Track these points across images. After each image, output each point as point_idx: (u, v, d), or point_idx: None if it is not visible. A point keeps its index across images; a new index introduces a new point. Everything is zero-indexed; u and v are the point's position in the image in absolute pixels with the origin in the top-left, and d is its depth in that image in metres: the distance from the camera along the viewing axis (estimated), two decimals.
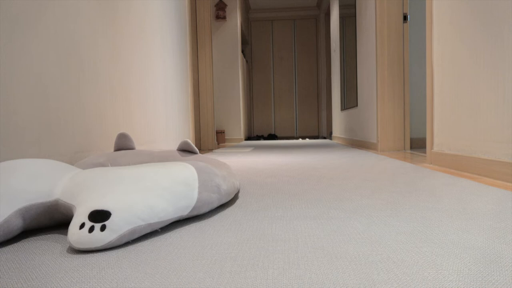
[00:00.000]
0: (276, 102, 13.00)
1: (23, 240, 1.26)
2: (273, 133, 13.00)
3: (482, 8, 2.60)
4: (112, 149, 2.87)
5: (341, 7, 8.20)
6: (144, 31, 3.63)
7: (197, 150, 2.01)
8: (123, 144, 2.05)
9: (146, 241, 1.21)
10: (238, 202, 1.82)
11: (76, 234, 1.11)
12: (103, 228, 1.11)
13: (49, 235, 1.33)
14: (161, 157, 1.89)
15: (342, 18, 8.16)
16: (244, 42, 12.04)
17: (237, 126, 9.75)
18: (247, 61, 12.32)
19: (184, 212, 1.36)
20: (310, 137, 12.84)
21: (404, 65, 5.23)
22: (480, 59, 2.63)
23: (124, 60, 3.14)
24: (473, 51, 2.73)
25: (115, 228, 1.13)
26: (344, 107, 8.09)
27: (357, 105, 6.78)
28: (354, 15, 6.83)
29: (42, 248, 1.17)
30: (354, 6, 6.82)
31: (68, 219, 1.37)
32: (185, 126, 5.09)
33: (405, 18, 5.20)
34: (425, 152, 4.72)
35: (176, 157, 1.91)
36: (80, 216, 1.15)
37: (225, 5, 9.43)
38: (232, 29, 9.61)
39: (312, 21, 12.90)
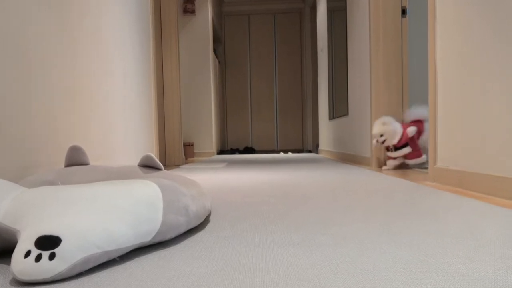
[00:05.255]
0: (253, 110, 13.02)
1: None
2: (250, 146, 13.00)
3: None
4: (63, 165, 2.86)
5: None
6: (101, 30, 3.63)
7: (161, 165, 2.01)
8: (75, 158, 2.05)
9: (102, 271, 1.21)
10: (209, 226, 1.83)
11: (21, 263, 1.11)
12: (52, 257, 1.11)
13: None
14: (119, 174, 1.89)
15: (330, 12, 8.21)
16: (217, 40, 12.06)
17: (208, 138, 9.74)
18: (219, 62, 12.34)
19: (147, 238, 1.37)
20: (293, 151, 12.86)
21: (402, 67, 5.27)
22: (490, 59, 2.66)
23: (79, 65, 3.14)
24: (481, 50, 2.77)
25: (66, 257, 1.13)
26: (333, 115, 8.13)
27: (347, 114, 6.81)
28: (344, 9, 6.88)
29: None
30: None
31: (11, 246, 1.36)
32: (147, 138, 5.08)
33: (403, 12, 5.24)
34: (426, 168, 4.76)
35: (137, 173, 1.91)
36: (26, 242, 1.14)
37: None
38: (202, 24, 9.63)
39: (295, 15, 12.97)
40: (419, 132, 4.91)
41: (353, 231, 1.66)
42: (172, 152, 6.93)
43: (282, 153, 11.52)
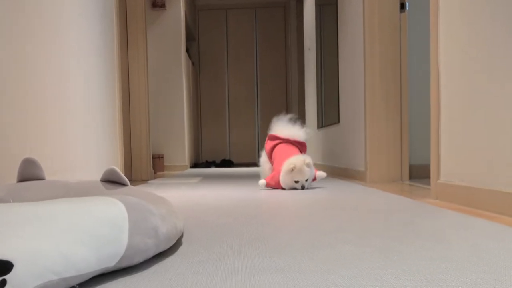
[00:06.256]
0: (232, 118, 13.02)
1: None
2: (227, 158, 12.99)
3: None
4: (15, 180, 2.85)
5: None
6: (59, 29, 3.62)
7: (127, 180, 2.01)
8: (29, 172, 2.04)
9: None
10: (181, 249, 1.83)
11: None
12: (3, 284, 1.10)
13: None
14: (79, 190, 1.88)
15: (319, 6, 8.24)
16: (190, 38, 12.03)
17: (180, 150, 9.72)
18: (193, 63, 12.32)
19: (111, 263, 1.37)
20: None
21: (401, 68, 5.29)
22: (502, 58, 2.68)
23: (32, 68, 3.13)
24: (492, 47, 2.79)
25: (19, 284, 1.12)
26: (322, 124, 8.14)
27: (339, 122, 6.83)
28: (335, 2, 6.91)
29: None
30: None
31: None
32: (111, 150, 5.07)
33: (402, 6, 5.26)
34: (428, 184, 4.78)
35: (100, 189, 1.91)
36: None
37: None
38: (173, 20, 9.62)
39: (279, 10, 13.01)
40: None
41: (345, 256, 1.67)
42: (139, 165, 6.91)
43: None
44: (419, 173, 5.88)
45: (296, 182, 4.54)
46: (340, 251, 1.73)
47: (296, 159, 4.55)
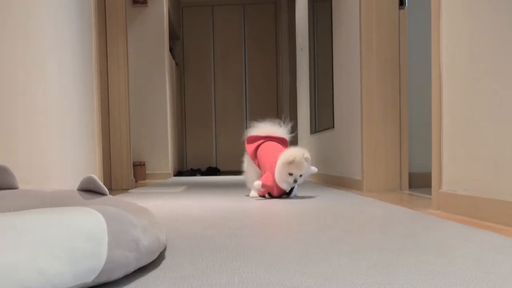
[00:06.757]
0: (218, 122, 13.00)
1: None
2: (214, 166, 12.96)
3: None
4: None
5: None
6: (32, 25, 3.61)
7: (106, 190, 2.01)
8: (1, 181, 2.03)
9: None
10: (165, 263, 1.83)
11: None
12: None
13: None
14: (55, 200, 1.88)
15: (312, 2, 8.24)
16: (174, 37, 12.02)
17: (163, 157, 9.69)
18: (177, 64, 12.29)
19: (88, 278, 1.36)
20: None
21: (400, 69, 5.29)
22: (508, 57, 2.68)
23: (3, 70, 3.12)
24: (497, 46, 2.79)
25: None
26: (315, 129, 8.14)
27: (333, 126, 6.83)
28: None
29: None
30: None
31: None
32: (89, 157, 5.05)
33: (401, 2, 5.26)
34: (429, 193, 4.78)
35: (77, 199, 1.90)
36: None
37: None
38: (156, 18, 9.61)
39: (269, 6, 13.00)
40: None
41: (339, 270, 1.67)
42: (119, 173, 6.89)
43: None
44: (419, 182, 5.87)
45: (290, 174, 4.51)
46: (334, 265, 1.73)
47: (296, 151, 4.56)
